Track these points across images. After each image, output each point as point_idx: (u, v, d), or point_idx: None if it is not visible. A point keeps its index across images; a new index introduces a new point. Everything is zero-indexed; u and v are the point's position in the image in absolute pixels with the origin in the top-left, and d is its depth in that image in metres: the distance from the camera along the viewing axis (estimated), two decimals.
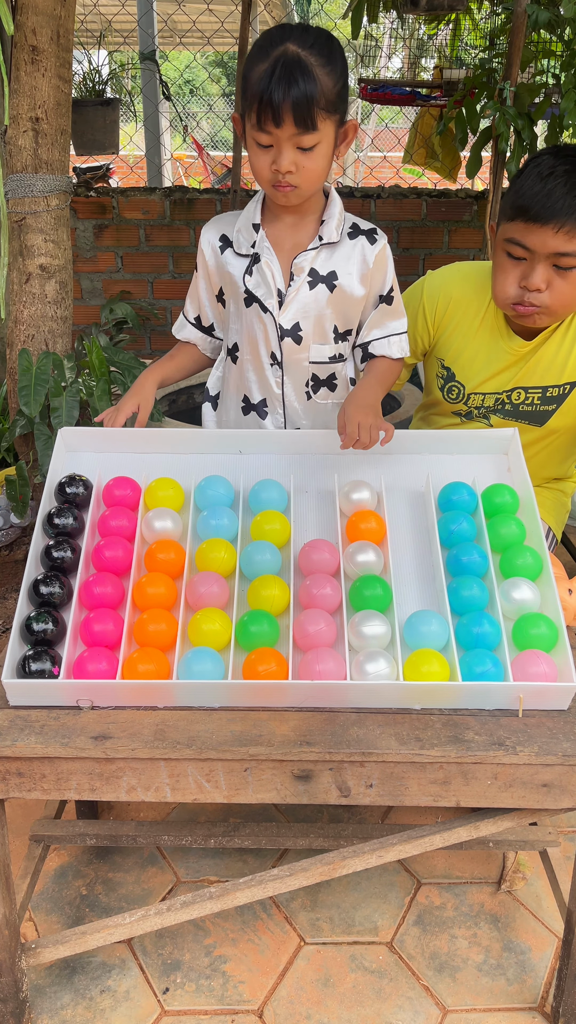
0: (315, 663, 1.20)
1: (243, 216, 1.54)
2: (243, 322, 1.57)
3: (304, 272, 1.51)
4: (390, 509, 1.45)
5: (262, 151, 1.37)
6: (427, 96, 4.27)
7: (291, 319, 1.53)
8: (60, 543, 1.35)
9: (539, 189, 1.48)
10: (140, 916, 1.30)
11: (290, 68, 1.28)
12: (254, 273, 1.52)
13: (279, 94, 1.28)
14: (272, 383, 1.59)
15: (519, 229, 1.52)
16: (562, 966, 1.37)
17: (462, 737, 1.16)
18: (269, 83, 1.29)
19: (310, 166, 1.37)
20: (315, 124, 1.32)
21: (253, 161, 1.40)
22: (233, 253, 1.54)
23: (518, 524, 1.38)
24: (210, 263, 1.58)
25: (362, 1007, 1.44)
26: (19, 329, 2.34)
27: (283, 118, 1.30)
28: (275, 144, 1.35)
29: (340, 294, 1.52)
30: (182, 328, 1.70)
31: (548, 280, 1.53)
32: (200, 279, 1.61)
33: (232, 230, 1.55)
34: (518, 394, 1.71)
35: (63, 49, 2.16)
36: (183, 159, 8.01)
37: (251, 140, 1.38)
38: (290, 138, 1.33)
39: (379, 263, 1.53)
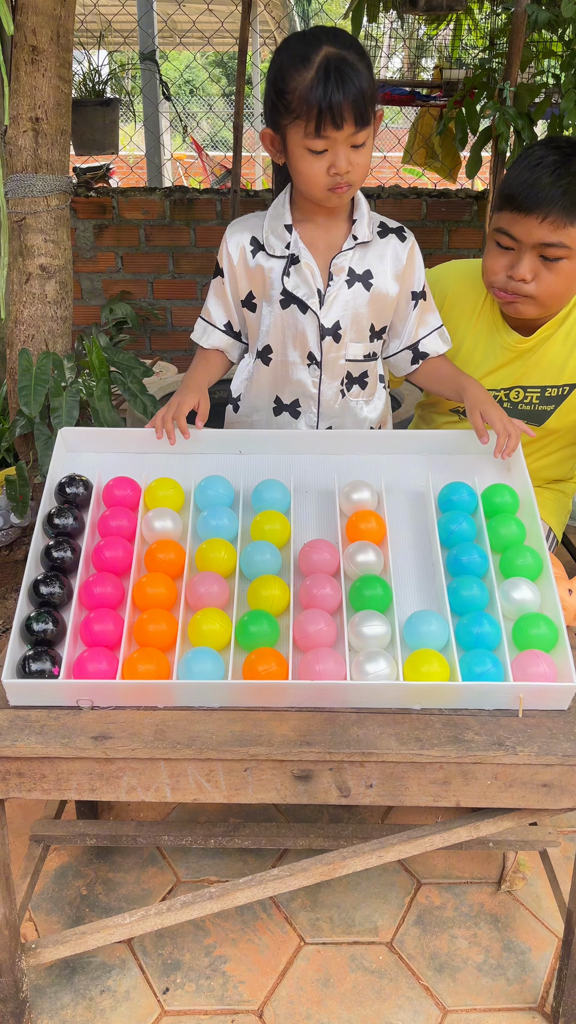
0: (315, 663, 1.20)
1: (270, 218, 1.54)
2: (279, 324, 1.56)
3: (344, 272, 1.52)
4: (390, 509, 1.45)
5: (316, 157, 1.36)
6: (427, 96, 4.27)
7: (332, 318, 1.53)
8: (60, 543, 1.35)
9: (526, 178, 1.48)
10: (140, 916, 1.30)
11: (340, 69, 1.29)
12: (292, 274, 1.52)
13: (338, 97, 1.29)
14: (308, 383, 1.59)
15: (506, 219, 1.53)
16: (562, 966, 1.37)
17: (462, 737, 1.16)
18: (325, 88, 1.29)
19: (362, 161, 1.38)
20: (370, 120, 1.34)
21: (305, 169, 1.38)
22: (266, 255, 1.53)
23: (518, 524, 1.38)
24: (238, 267, 1.56)
25: (362, 1007, 1.44)
26: (19, 329, 2.34)
27: (344, 119, 1.31)
28: (331, 147, 1.35)
29: (376, 292, 1.54)
30: (208, 335, 1.63)
31: (534, 271, 1.54)
32: (226, 284, 1.58)
33: (260, 232, 1.54)
34: (516, 393, 1.71)
35: (63, 49, 2.16)
36: (183, 159, 8.01)
37: (301, 149, 1.37)
38: (347, 138, 1.34)
39: (411, 260, 1.55)
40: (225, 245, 1.56)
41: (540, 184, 1.47)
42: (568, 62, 3.03)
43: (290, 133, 1.37)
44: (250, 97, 5.74)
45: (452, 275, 1.77)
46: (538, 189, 1.47)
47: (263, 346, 1.59)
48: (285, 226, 1.52)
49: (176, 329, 4.13)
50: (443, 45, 5.06)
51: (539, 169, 1.48)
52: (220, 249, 1.57)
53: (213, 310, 1.61)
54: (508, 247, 1.55)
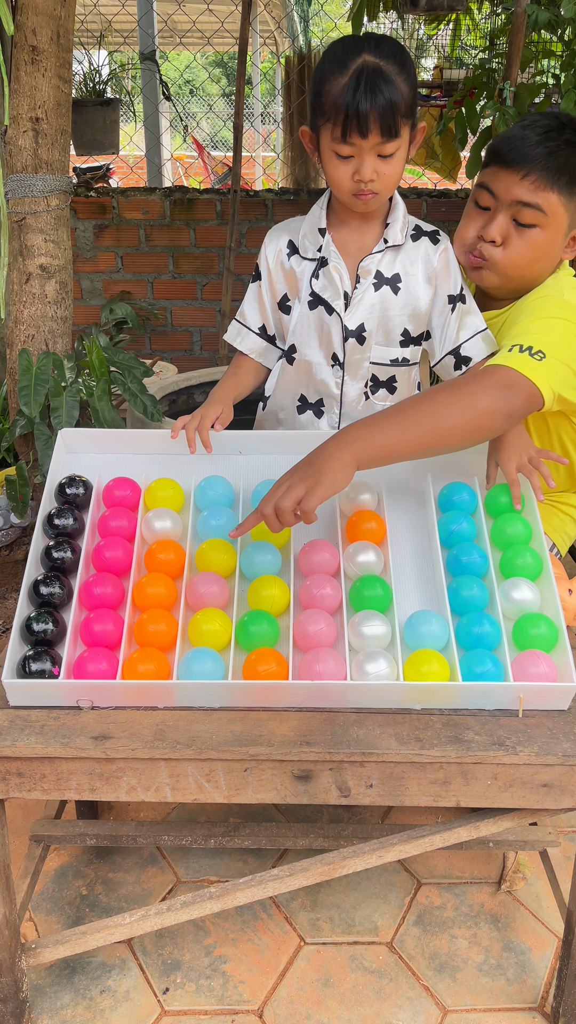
0: (315, 663, 1.20)
1: (308, 221, 1.56)
2: (305, 324, 1.57)
3: (371, 275, 1.52)
4: (390, 509, 1.45)
5: (342, 162, 1.38)
6: (427, 96, 4.27)
7: (356, 320, 1.53)
8: (60, 543, 1.35)
9: (515, 134, 1.50)
10: (140, 916, 1.30)
11: (373, 79, 1.30)
12: (320, 276, 1.53)
13: (365, 106, 1.30)
14: (331, 383, 1.60)
15: (489, 173, 1.54)
16: (562, 966, 1.37)
17: (462, 737, 1.16)
18: (354, 96, 1.30)
19: (390, 172, 1.39)
20: (398, 132, 1.34)
21: (332, 172, 1.41)
22: (300, 258, 1.56)
23: (524, 523, 1.38)
24: (274, 270, 1.58)
25: (362, 1007, 1.44)
26: (19, 329, 2.34)
27: (369, 129, 1.32)
28: (357, 155, 1.36)
29: (405, 296, 1.54)
30: (243, 338, 1.64)
31: (505, 234, 1.53)
32: (263, 287, 1.60)
33: (298, 236, 1.56)
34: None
35: (63, 49, 2.16)
36: (183, 159, 8.01)
37: (330, 152, 1.39)
38: (373, 148, 1.35)
39: (443, 263, 1.55)
40: (264, 248, 1.59)
41: (528, 141, 1.47)
42: (568, 62, 3.03)
43: (322, 135, 1.39)
44: (250, 97, 5.73)
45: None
46: (526, 145, 1.47)
47: (288, 346, 1.61)
48: (319, 229, 1.54)
49: (176, 329, 4.13)
50: (443, 45, 5.06)
51: (530, 128, 1.49)
52: (260, 252, 1.60)
53: (249, 312, 1.63)
54: (486, 206, 1.56)
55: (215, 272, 4.00)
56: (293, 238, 1.57)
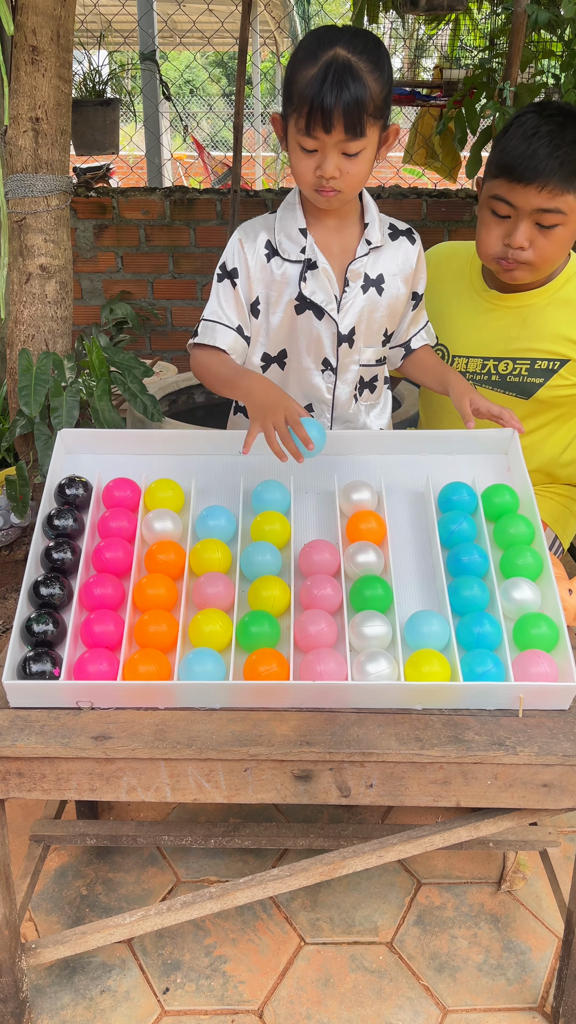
0: (316, 664, 1.20)
1: (283, 221, 1.50)
2: (292, 329, 1.53)
3: (360, 278, 1.51)
4: (390, 509, 1.45)
5: (306, 155, 1.35)
6: (427, 96, 4.27)
7: (348, 324, 1.52)
8: (60, 544, 1.35)
9: (523, 149, 1.51)
10: (140, 916, 1.30)
11: (341, 74, 1.26)
12: (309, 279, 1.49)
13: (330, 100, 1.26)
14: (323, 388, 1.58)
15: (503, 187, 1.56)
16: (562, 966, 1.37)
17: (462, 737, 1.16)
18: (320, 88, 1.26)
19: (354, 171, 1.35)
20: (364, 131, 1.30)
21: (296, 164, 1.38)
22: (281, 260, 1.49)
23: (526, 524, 1.38)
24: (254, 271, 1.49)
25: (362, 1007, 1.44)
26: (19, 329, 2.34)
27: (333, 125, 1.28)
28: (320, 149, 1.33)
29: (387, 296, 1.54)
30: (219, 333, 1.50)
31: (531, 238, 1.58)
32: (240, 287, 1.50)
33: (272, 236, 1.50)
34: (505, 364, 1.75)
35: (63, 49, 2.16)
36: (183, 159, 8.01)
37: (295, 144, 1.35)
38: (337, 144, 1.31)
39: (419, 262, 1.56)
40: (240, 247, 1.49)
41: (538, 156, 1.50)
42: (568, 62, 3.03)
43: (289, 124, 1.36)
44: (250, 97, 5.73)
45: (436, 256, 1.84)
46: (537, 160, 1.50)
47: (277, 351, 1.57)
48: (300, 230, 1.48)
49: (176, 329, 4.13)
50: (443, 45, 5.06)
51: (536, 139, 1.51)
52: (231, 252, 1.50)
53: (225, 312, 1.51)
54: (504, 215, 1.59)
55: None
56: (270, 238, 1.50)
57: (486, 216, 1.62)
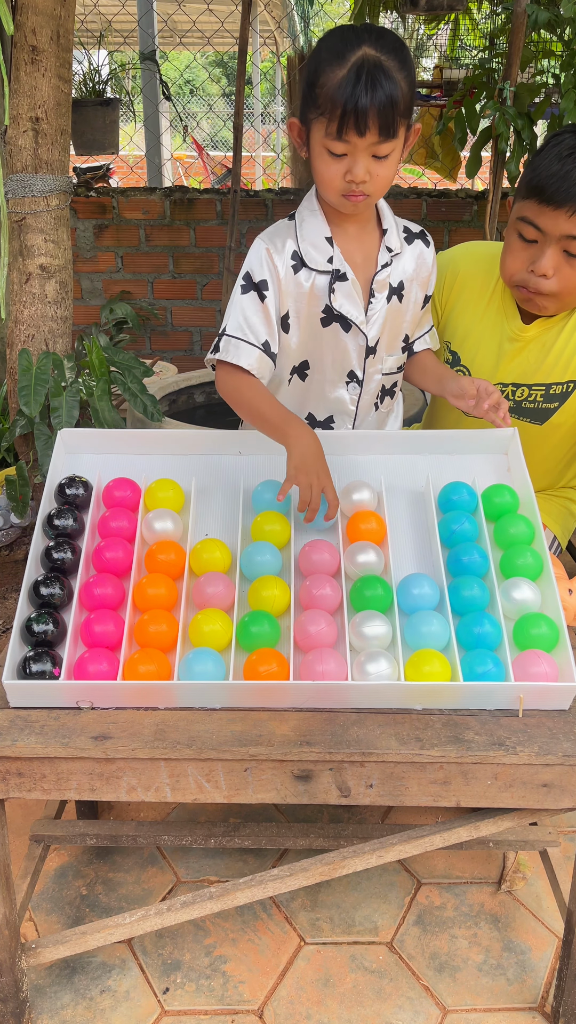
0: (316, 664, 1.20)
1: (305, 229, 1.43)
2: (317, 341, 1.48)
3: (386, 289, 1.47)
4: (390, 509, 1.45)
5: (334, 160, 1.30)
6: (427, 96, 4.27)
7: (375, 336, 1.49)
8: (60, 544, 1.35)
9: (556, 170, 1.44)
10: (140, 916, 1.30)
11: (374, 74, 1.21)
12: (337, 291, 1.43)
13: (364, 102, 1.21)
14: (347, 400, 1.54)
15: (532, 208, 1.49)
16: (562, 966, 1.37)
17: (462, 737, 1.16)
18: (354, 90, 1.21)
19: (383, 173, 1.31)
20: (396, 132, 1.27)
21: (323, 170, 1.32)
22: (308, 271, 1.43)
23: (526, 523, 1.38)
24: (285, 283, 1.42)
25: (362, 1007, 1.44)
26: (19, 329, 2.34)
27: (368, 126, 1.24)
28: (351, 153, 1.28)
29: (408, 302, 1.51)
30: (245, 353, 1.40)
31: (556, 266, 1.51)
32: (270, 301, 1.41)
33: (297, 245, 1.43)
34: (522, 391, 1.71)
35: (63, 49, 2.16)
36: (183, 159, 8.01)
37: (321, 149, 1.30)
38: (368, 147, 1.27)
39: (433, 265, 1.53)
40: (269, 258, 1.41)
41: (571, 177, 1.43)
42: (568, 62, 3.03)
43: (314, 129, 1.30)
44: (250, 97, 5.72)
45: (464, 258, 1.75)
46: (569, 183, 1.43)
47: (299, 362, 1.51)
48: (326, 238, 1.43)
49: (176, 329, 4.13)
50: (443, 45, 5.06)
51: (570, 160, 1.44)
52: (259, 262, 1.42)
53: (256, 326, 1.41)
54: (531, 239, 1.52)
55: (215, 272, 4.00)
56: (296, 248, 1.43)
57: (512, 239, 1.56)
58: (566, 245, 1.49)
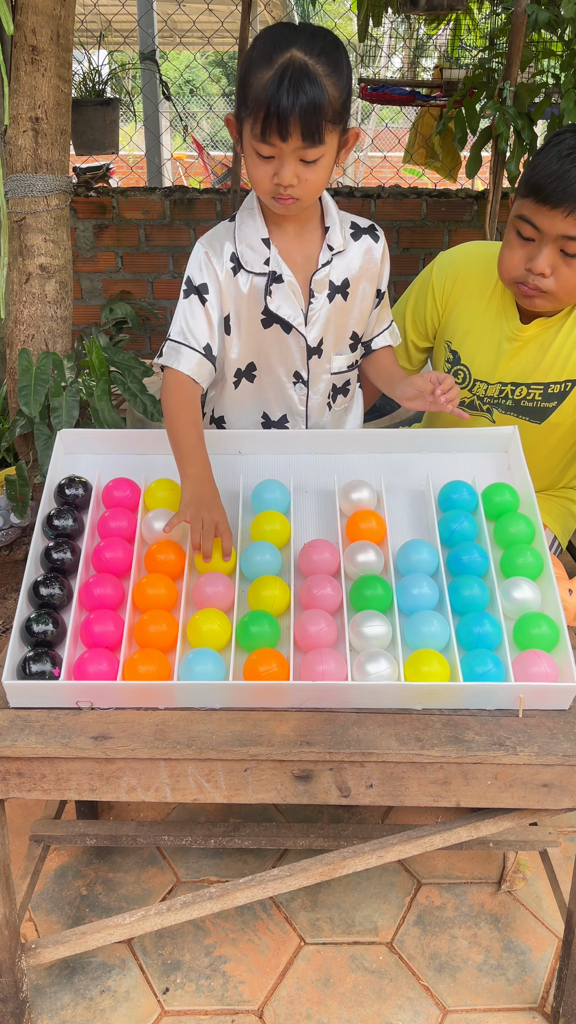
0: (316, 663, 1.20)
1: (243, 230, 1.43)
2: (260, 343, 1.48)
3: (325, 288, 1.45)
4: (390, 509, 1.44)
5: (262, 161, 1.28)
6: (427, 96, 4.27)
7: (316, 336, 1.48)
8: (60, 544, 1.34)
9: (555, 169, 1.44)
10: (140, 916, 1.30)
11: (297, 79, 1.18)
12: (274, 293, 1.43)
13: (286, 106, 1.19)
14: (295, 400, 1.54)
15: (530, 207, 1.50)
16: (562, 966, 1.37)
17: (462, 737, 1.16)
18: (276, 93, 1.19)
19: (312, 178, 1.29)
20: (322, 138, 1.24)
21: (252, 170, 1.31)
22: (247, 273, 1.42)
23: (527, 523, 1.37)
24: (225, 285, 1.42)
25: (362, 1007, 1.44)
26: (19, 329, 2.34)
27: (290, 132, 1.21)
28: (277, 156, 1.26)
29: (354, 300, 1.49)
30: (185, 358, 1.42)
31: (553, 265, 1.52)
32: (211, 304, 1.42)
33: (235, 247, 1.42)
34: (521, 390, 1.71)
35: (63, 49, 2.16)
36: (183, 159, 8.01)
37: (250, 149, 1.29)
38: (294, 151, 1.25)
39: (383, 260, 1.51)
40: (208, 261, 1.41)
41: (569, 178, 1.43)
42: (568, 62, 3.03)
43: (244, 128, 1.28)
44: None
45: (465, 257, 1.75)
46: (567, 183, 1.43)
47: (245, 364, 1.51)
48: (262, 239, 1.42)
49: None
50: (443, 45, 5.06)
51: (569, 160, 1.43)
52: (197, 266, 1.42)
53: (195, 330, 1.42)
54: (529, 237, 1.52)
55: None
56: (233, 250, 1.42)
57: (511, 237, 1.56)
58: (563, 245, 1.49)
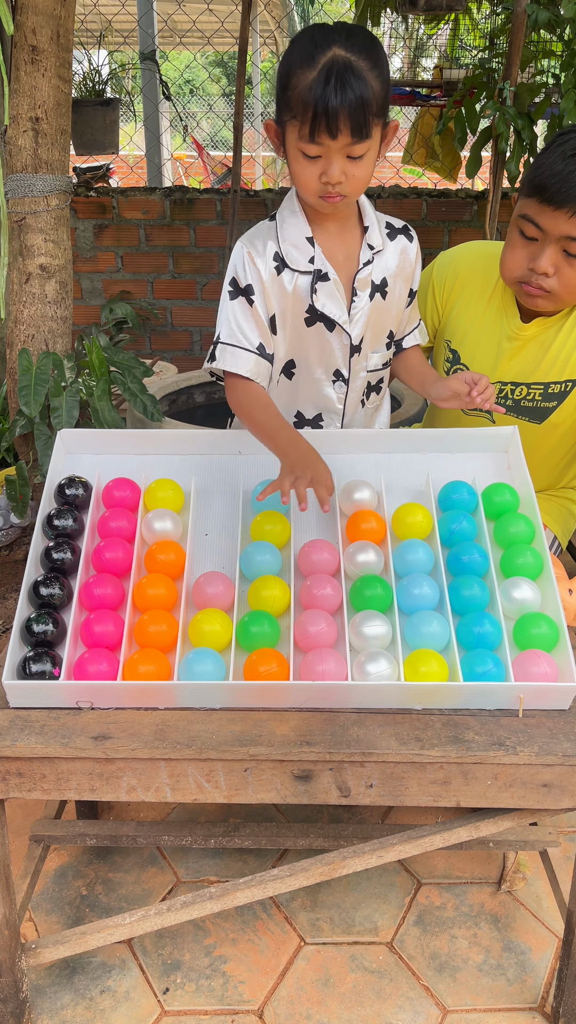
0: (316, 663, 1.20)
1: (286, 229, 1.43)
2: (303, 341, 1.48)
3: (368, 287, 1.47)
4: (390, 509, 1.45)
5: (309, 162, 1.29)
6: (427, 96, 4.27)
7: (358, 334, 1.49)
8: (60, 544, 1.34)
9: (559, 169, 1.44)
10: (140, 916, 1.30)
11: (344, 77, 1.20)
12: (319, 291, 1.43)
13: (335, 103, 1.20)
14: (334, 399, 1.55)
15: (534, 207, 1.50)
16: (562, 966, 1.37)
17: (462, 737, 1.16)
18: (324, 92, 1.20)
19: (359, 174, 1.31)
20: (369, 132, 1.26)
21: (299, 172, 1.32)
22: (291, 271, 1.43)
23: (527, 522, 1.37)
24: (269, 285, 1.42)
25: (362, 1007, 1.44)
26: (19, 329, 2.34)
27: (339, 129, 1.23)
28: (325, 155, 1.28)
29: (391, 299, 1.51)
30: (238, 359, 1.41)
31: (556, 265, 1.52)
32: (259, 304, 1.42)
33: (278, 246, 1.43)
34: (521, 390, 1.71)
35: (63, 49, 2.16)
36: (183, 159, 8.01)
37: (296, 151, 1.30)
38: (342, 148, 1.26)
39: (417, 260, 1.53)
40: (252, 262, 1.41)
41: (573, 178, 1.43)
42: (568, 62, 3.03)
43: (288, 131, 1.30)
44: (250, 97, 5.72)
45: (465, 257, 1.75)
46: (572, 183, 1.43)
47: (285, 361, 1.52)
48: (307, 238, 1.43)
49: (176, 329, 4.13)
50: (443, 45, 5.06)
51: (574, 161, 1.44)
52: (242, 267, 1.42)
53: (247, 330, 1.42)
54: (532, 237, 1.52)
55: (215, 272, 4.00)
56: (277, 250, 1.43)
57: (514, 236, 1.56)
58: (566, 245, 1.50)
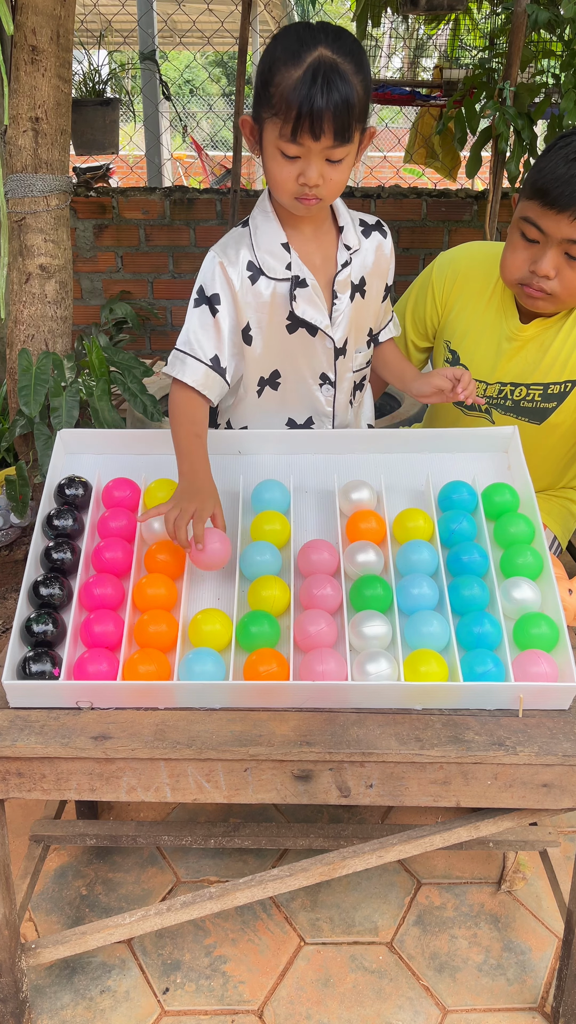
0: (316, 663, 1.20)
1: (260, 236, 1.40)
2: (285, 349, 1.46)
3: (347, 289, 1.46)
4: (390, 509, 1.45)
5: (287, 162, 1.26)
6: (427, 96, 4.27)
7: (341, 337, 1.48)
8: (60, 544, 1.35)
9: (562, 173, 1.44)
10: (140, 916, 1.30)
11: (330, 77, 1.18)
12: (298, 298, 1.41)
13: (320, 104, 1.18)
14: (322, 402, 1.54)
15: (535, 210, 1.49)
16: (562, 966, 1.37)
17: (462, 737, 1.16)
18: (309, 92, 1.18)
19: (337, 177, 1.29)
20: (351, 136, 1.24)
21: (275, 171, 1.28)
22: (267, 279, 1.40)
23: (526, 522, 1.37)
24: (241, 295, 1.39)
25: (362, 1007, 1.44)
26: (19, 329, 2.34)
27: (323, 131, 1.21)
28: (304, 156, 1.25)
29: (370, 297, 1.50)
30: (188, 367, 1.38)
31: (557, 267, 1.52)
32: (224, 315, 1.39)
33: (252, 254, 1.40)
34: (520, 390, 1.71)
35: (63, 49, 2.16)
36: (183, 159, 8.01)
37: (274, 149, 1.27)
38: (323, 151, 1.24)
39: (392, 255, 1.52)
40: (223, 272, 1.38)
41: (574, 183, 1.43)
42: (568, 62, 3.03)
43: (267, 129, 1.26)
44: (250, 97, 5.72)
45: (465, 257, 1.75)
46: (573, 187, 1.43)
47: (269, 372, 1.49)
48: (282, 244, 1.40)
49: (176, 329, 4.13)
50: (443, 45, 5.06)
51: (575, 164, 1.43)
52: (211, 276, 1.39)
53: (203, 341, 1.38)
54: (533, 239, 1.52)
55: None
56: (250, 258, 1.39)
57: (515, 238, 1.56)
58: (567, 248, 1.50)
